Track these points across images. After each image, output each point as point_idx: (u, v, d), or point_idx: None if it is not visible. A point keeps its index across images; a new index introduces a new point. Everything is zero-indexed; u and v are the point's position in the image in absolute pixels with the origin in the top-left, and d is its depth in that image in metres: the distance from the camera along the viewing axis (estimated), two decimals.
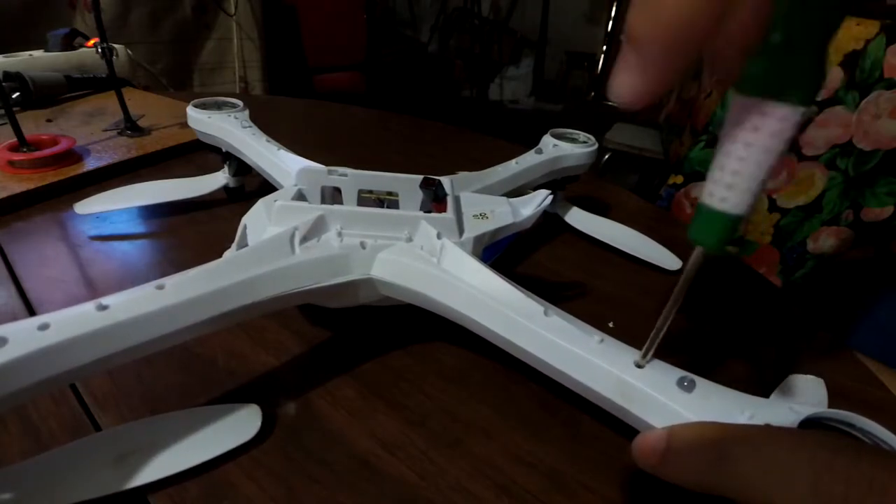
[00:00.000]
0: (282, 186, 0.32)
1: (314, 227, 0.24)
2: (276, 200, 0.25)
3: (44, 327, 0.16)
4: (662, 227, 0.42)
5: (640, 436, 0.17)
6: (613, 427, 0.22)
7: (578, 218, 0.40)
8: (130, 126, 0.50)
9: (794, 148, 0.75)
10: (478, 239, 0.26)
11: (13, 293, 0.29)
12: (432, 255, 0.24)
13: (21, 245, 0.33)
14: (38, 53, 0.64)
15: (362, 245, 0.24)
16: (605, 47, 1.83)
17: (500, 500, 0.20)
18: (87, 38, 0.68)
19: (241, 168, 0.39)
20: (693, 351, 0.29)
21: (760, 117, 0.13)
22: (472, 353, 0.27)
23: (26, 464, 0.18)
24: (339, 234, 0.25)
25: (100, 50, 0.47)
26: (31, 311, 0.28)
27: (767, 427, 0.16)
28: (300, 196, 0.28)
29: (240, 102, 0.40)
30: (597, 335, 0.20)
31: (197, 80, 1.50)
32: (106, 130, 0.50)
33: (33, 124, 0.51)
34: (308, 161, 0.32)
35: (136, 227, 0.37)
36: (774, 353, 0.30)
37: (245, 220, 0.26)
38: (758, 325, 0.33)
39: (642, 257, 0.37)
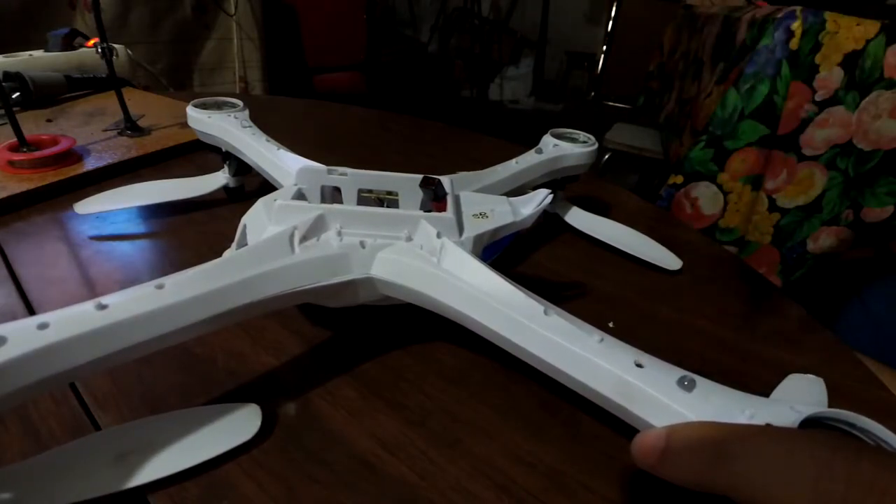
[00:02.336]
0: (282, 186, 0.32)
1: (314, 227, 0.24)
2: (275, 200, 0.25)
3: (43, 326, 0.16)
4: (662, 227, 0.42)
5: (640, 435, 0.17)
6: (613, 427, 0.22)
7: (578, 218, 0.40)
8: (130, 126, 0.50)
9: (794, 148, 0.75)
10: (478, 238, 0.26)
11: (13, 293, 0.29)
12: (432, 255, 0.24)
13: (21, 245, 0.33)
14: (38, 53, 0.64)
15: (362, 244, 0.24)
16: (605, 47, 1.83)
17: (500, 500, 0.20)
18: (87, 38, 0.68)
19: (241, 168, 0.39)
20: (693, 351, 0.29)
21: None
22: (472, 353, 0.27)
23: (26, 464, 0.18)
24: (339, 234, 0.25)
25: (100, 50, 0.47)
26: (31, 311, 0.28)
27: (768, 426, 0.16)
28: (300, 195, 0.28)
29: (240, 102, 0.40)
30: (597, 335, 0.20)
31: (197, 80, 1.50)
32: (106, 130, 0.50)
33: (33, 124, 0.51)
34: (308, 160, 0.32)
35: (136, 227, 0.37)
36: (774, 352, 0.30)
37: (245, 219, 0.26)
38: (758, 325, 0.33)
39: (642, 257, 0.37)
